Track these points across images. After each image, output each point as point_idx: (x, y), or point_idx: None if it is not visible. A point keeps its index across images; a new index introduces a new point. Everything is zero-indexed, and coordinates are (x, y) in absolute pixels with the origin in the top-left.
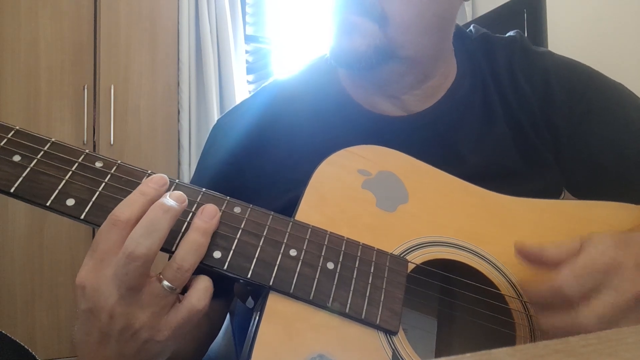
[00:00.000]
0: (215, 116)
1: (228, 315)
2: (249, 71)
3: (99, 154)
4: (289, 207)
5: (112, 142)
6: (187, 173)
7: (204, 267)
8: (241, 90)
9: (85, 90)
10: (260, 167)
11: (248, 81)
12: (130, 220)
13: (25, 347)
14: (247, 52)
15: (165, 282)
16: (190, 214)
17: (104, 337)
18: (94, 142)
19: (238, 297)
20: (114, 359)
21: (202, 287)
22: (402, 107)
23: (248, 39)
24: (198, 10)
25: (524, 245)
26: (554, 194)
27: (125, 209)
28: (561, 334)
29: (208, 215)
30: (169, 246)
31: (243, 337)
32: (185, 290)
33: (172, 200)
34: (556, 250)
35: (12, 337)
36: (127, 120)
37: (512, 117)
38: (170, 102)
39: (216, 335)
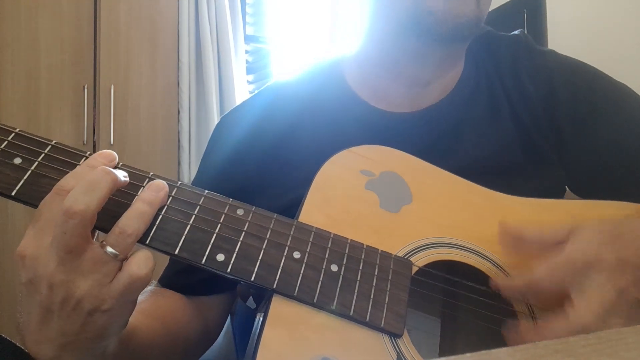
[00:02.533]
0: (215, 116)
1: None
2: (249, 71)
3: None
4: (293, 206)
5: (112, 142)
6: (187, 173)
7: (206, 269)
8: (241, 90)
9: (85, 90)
10: (263, 166)
11: (248, 81)
12: None
13: (26, 350)
14: (247, 52)
15: (109, 248)
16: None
17: (45, 313)
18: (94, 142)
19: (240, 296)
20: (56, 340)
21: (143, 255)
22: (415, 99)
23: (248, 39)
24: (198, 10)
25: (507, 224)
26: (557, 193)
27: (71, 179)
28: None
29: (154, 189)
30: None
31: (243, 338)
32: None
33: (115, 170)
34: (538, 232)
35: (12, 340)
36: (127, 120)
37: (516, 116)
38: (170, 102)
39: (214, 335)
